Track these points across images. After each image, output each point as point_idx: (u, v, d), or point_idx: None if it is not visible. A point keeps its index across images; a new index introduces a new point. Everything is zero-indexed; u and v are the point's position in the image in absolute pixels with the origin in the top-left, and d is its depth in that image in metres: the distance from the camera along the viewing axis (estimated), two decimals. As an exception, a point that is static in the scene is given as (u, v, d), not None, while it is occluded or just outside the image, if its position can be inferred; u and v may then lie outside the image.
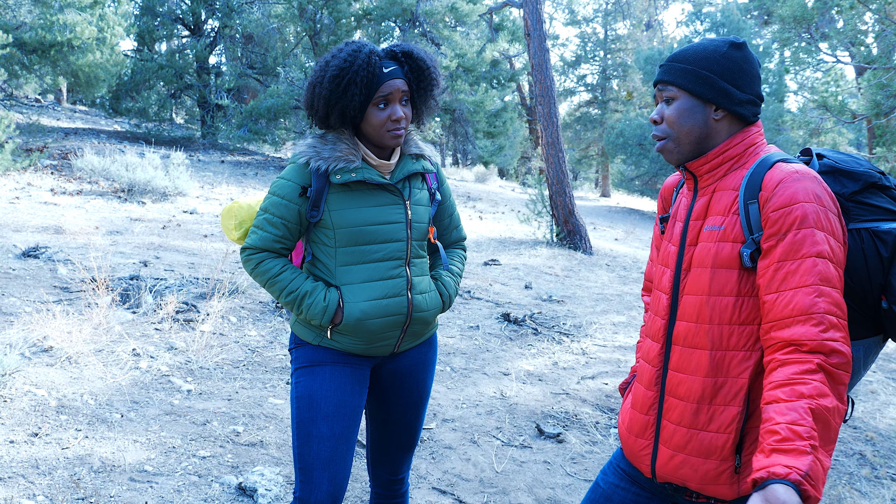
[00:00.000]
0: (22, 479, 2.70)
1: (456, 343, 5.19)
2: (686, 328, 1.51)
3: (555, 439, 3.76)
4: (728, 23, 21.86)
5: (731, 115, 1.51)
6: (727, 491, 1.47)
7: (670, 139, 1.54)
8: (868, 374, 5.39)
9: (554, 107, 10.44)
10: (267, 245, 1.93)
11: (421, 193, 2.02)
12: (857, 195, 1.48)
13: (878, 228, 1.44)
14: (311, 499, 1.87)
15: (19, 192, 8.45)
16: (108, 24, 11.92)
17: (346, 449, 1.91)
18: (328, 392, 1.92)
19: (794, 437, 1.20)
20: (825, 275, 1.32)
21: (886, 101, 8.67)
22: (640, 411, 1.61)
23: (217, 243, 7.40)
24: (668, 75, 1.54)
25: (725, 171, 1.52)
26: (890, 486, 3.57)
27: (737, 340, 1.44)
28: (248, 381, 3.98)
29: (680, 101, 1.53)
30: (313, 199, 1.89)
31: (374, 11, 15.86)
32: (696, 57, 1.51)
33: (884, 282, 1.45)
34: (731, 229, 1.45)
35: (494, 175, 22.66)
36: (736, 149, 1.51)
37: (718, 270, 1.46)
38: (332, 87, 1.84)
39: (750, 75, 1.51)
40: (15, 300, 4.61)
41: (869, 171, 1.50)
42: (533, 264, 8.83)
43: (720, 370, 1.45)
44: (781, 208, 1.37)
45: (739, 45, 1.51)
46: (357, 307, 1.89)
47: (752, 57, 1.52)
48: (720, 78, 1.49)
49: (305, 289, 1.90)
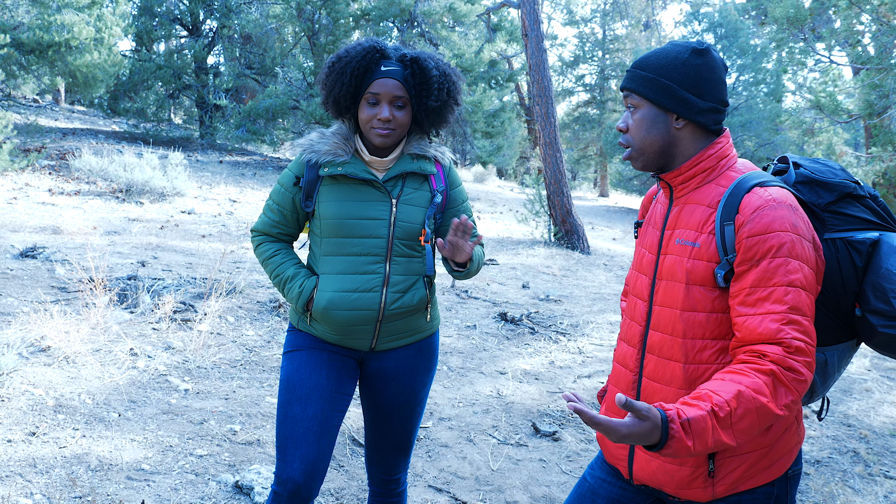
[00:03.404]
0: (19, 477, 2.71)
1: (453, 342, 5.21)
2: (661, 339, 1.54)
3: (550, 438, 3.78)
4: (726, 23, 21.89)
5: (692, 124, 1.51)
6: (702, 494, 1.51)
7: (634, 149, 1.56)
8: (863, 373, 5.42)
9: (551, 107, 10.46)
10: (266, 229, 2.07)
11: (416, 194, 2.00)
12: (833, 205, 1.49)
13: (852, 238, 1.46)
14: (284, 475, 1.92)
15: (17, 192, 8.46)
16: (105, 24, 11.93)
17: (319, 430, 1.94)
18: (303, 375, 1.98)
19: (704, 397, 1.28)
20: (795, 303, 1.35)
21: (879, 101, 8.70)
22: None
23: (215, 243, 7.41)
24: (631, 83, 1.54)
25: (698, 183, 1.53)
26: (883, 483, 3.59)
27: (709, 354, 1.48)
28: (245, 381, 3.99)
29: (642, 111, 1.53)
30: (306, 190, 1.98)
31: (373, 11, 15.88)
32: (658, 64, 1.50)
33: (857, 290, 1.47)
34: (706, 248, 1.46)
35: (493, 175, 22.67)
36: (708, 161, 1.51)
37: (693, 287, 1.48)
38: (329, 73, 1.95)
39: (712, 82, 1.49)
40: (12, 300, 4.62)
41: (844, 182, 1.51)
42: (530, 264, 8.86)
43: (694, 383, 1.49)
44: (757, 235, 1.38)
45: (702, 51, 1.49)
46: (325, 296, 1.95)
47: (714, 63, 1.50)
48: (680, 86, 1.48)
49: (288, 273, 2.01)
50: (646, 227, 1.67)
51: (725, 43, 22.05)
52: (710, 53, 1.50)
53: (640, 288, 1.62)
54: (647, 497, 1.63)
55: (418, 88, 1.93)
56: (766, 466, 1.48)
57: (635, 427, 1.23)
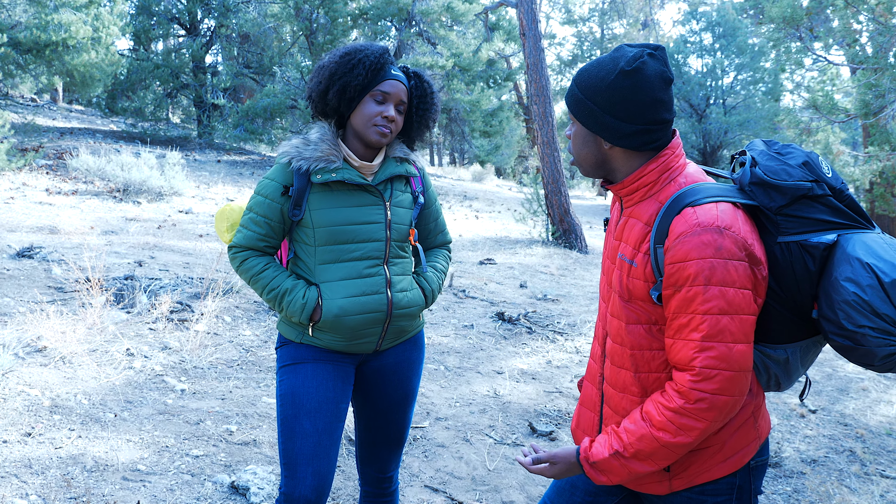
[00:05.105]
0: (15, 478, 2.71)
1: (450, 342, 5.21)
2: (612, 347, 1.58)
3: (547, 437, 3.78)
4: (723, 22, 21.90)
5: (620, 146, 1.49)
6: (659, 488, 1.55)
7: (576, 159, 1.58)
8: (860, 372, 5.42)
9: (549, 106, 10.46)
10: (251, 244, 1.98)
11: (403, 196, 2.05)
12: (786, 208, 1.44)
13: (806, 242, 1.42)
14: (295, 493, 1.89)
15: (14, 191, 8.45)
16: (103, 23, 11.91)
17: (329, 444, 1.93)
18: (310, 388, 1.95)
19: (613, 438, 1.49)
20: (711, 331, 1.36)
21: (876, 100, 8.72)
22: (588, 408, 1.69)
23: (212, 243, 7.41)
24: (567, 98, 1.54)
25: (641, 196, 1.51)
26: (879, 482, 3.60)
27: (658, 364, 1.50)
28: (241, 381, 3.99)
29: (575, 127, 1.55)
30: (295, 199, 1.93)
31: (371, 11, 15.87)
32: (587, 84, 1.47)
33: (814, 293, 1.45)
34: (641, 268, 1.47)
35: (491, 174, 22.69)
36: (650, 176, 1.48)
37: (633, 302, 1.50)
38: (340, 62, 1.92)
39: (640, 104, 1.42)
40: (9, 300, 4.62)
41: (797, 185, 1.43)
42: (528, 263, 8.86)
43: (647, 390, 1.52)
44: (677, 263, 1.38)
45: (630, 71, 1.41)
46: (335, 304, 1.92)
47: (644, 83, 1.42)
48: (603, 111, 1.45)
49: (286, 286, 1.94)
50: (609, 227, 1.68)
51: (723, 42, 22.06)
52: (640, 73, 1.41)
53: (602, 290, 1.66)
54: (621, 489, 1.66)
55: (418, 100, 2.03)
56: (721, 460, 1.51)
57: (557, 470, 1.56)
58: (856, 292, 1.36)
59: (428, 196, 2.16)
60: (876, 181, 12.00)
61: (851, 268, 1.37)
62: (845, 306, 1.37)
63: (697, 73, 22.14)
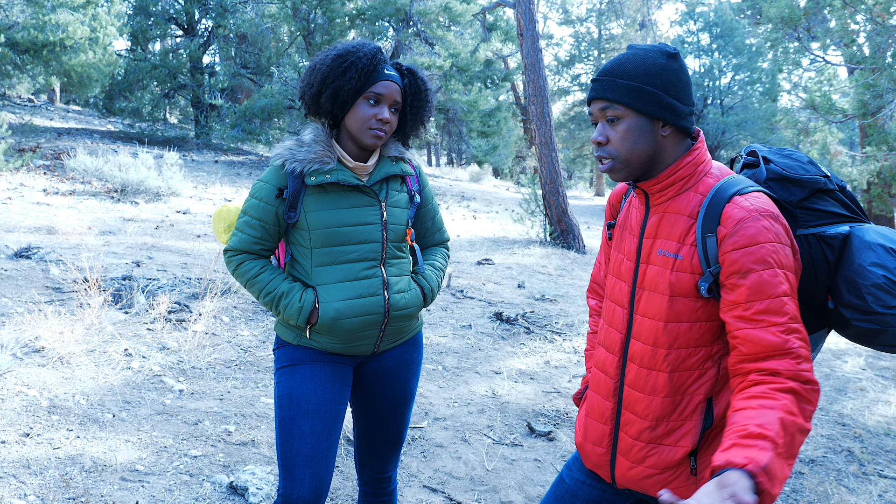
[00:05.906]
0: (13, 479, 2.70)
1: (448, 342, 5.21)
2: (642, 350, 1.52)
3: (546, 437, 3.78)
4: (721, 22, 21.92)
5: (676, 130, 1.47)
6: (685, 492, 1.50)
7: (618, 161, 1.48)
8: (858, 372, 5.44)
9: (547, 106, 10.47)
10: (246, 247, 1.96)
11: (399, 195, 2.03)
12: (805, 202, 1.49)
13: (824, 233, 1.48)
14: (293, 495, 1.88)
15: (12, 192, 8.43)
16: (100, 23, 11.90)
17: (327, 445, 1.93)
18: (308, 390, 1.93)
19: (758, 436, 1.21)
20: (793, 312, 1.35)
21: (873, 100, 8.74)
22: (597, 420, 1.62)
23: (210, 243, 7.40)
24: (611, 92, 1.46)
25: (676, 191, 1.49)
26: (877, 482, 3.60)
27: (693, 361, 1.47)
28: (240, 381, 3.99)
29: (628, 121, 1.46)
30: (289, 201, 1.91)
31: (368, 11, 15.87)
32: (638, 72, 1.44)
33: (830, 283, 1.49)
34: (688, 260, 1.44)
35: (489, 174, 22.69)
36: (686, 169, 1.48)
37: (677, 299, 1.46)
38: (332, 66, 1.88)
39: (688, 85, 1.47)
40: (7, 301, 4.61)
41: (814, 178, 1.51)
42: (526, 263, 8.86)
43: (679, 390, 1.48)
44: (742, 248, 1.37)
45: (674, 54, 1.46)
46: (332, 306, 1.91)
47: (685, 65, 1.49)
48: (665, 93, 1.43)
49: (282, 290, 1.93)
50: (620, 231, 1.63)
51: (721, 42, 22.09)
52: (680, 56, 1.47)
53: (618, 295, 1.59)
54: (627, 498, 1.63)
55: (413, 98, 1.99)
56: None
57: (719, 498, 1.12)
58: (885, 275, 1.42)
59: (424, 194, 2.14)
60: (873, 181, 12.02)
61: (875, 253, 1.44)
62: (874, 289, 1.42)
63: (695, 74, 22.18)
